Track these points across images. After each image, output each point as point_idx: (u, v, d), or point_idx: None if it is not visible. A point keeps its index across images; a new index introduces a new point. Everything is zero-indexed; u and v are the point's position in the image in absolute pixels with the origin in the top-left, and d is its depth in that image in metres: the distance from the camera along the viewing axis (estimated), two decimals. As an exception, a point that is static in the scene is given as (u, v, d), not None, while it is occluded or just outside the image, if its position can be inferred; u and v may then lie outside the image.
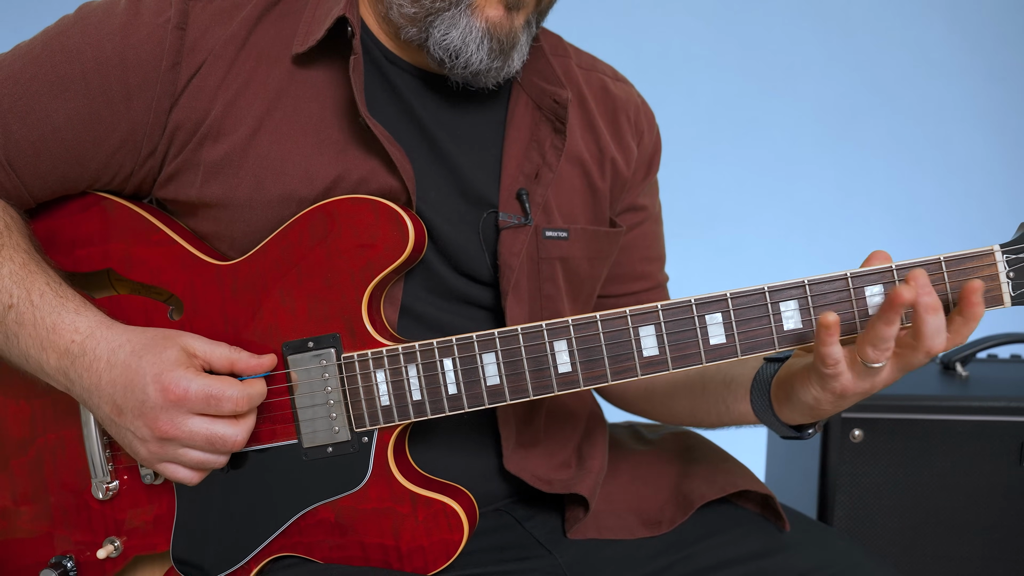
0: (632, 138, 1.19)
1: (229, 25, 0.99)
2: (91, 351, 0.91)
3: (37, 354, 0.93)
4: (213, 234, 1.02)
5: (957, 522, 1.58)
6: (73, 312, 0.93)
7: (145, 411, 0.89)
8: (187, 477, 0.93)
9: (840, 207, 2.68)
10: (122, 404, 0.90)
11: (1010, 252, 0.85)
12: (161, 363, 0.89)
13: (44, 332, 0.92)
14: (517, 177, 1.08)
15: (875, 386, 0.87)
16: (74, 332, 0.92)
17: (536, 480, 1.08)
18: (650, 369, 0.90)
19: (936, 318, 0.82)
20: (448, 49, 0.98)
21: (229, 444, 0.91)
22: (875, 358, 0.84)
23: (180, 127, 0.98)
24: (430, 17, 0.98)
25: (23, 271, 0.95)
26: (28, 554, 1.05)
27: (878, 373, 0.86)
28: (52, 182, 1.01)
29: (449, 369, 0.94)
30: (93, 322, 0.93)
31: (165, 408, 0.88)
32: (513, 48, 1.01)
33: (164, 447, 0.90)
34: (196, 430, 0.89)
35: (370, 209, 0.95)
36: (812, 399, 0.90)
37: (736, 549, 1.04)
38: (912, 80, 2.65)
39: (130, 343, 0.91)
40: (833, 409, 0.91)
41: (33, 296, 0.93)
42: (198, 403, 0.89)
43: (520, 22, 1.01)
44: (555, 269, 1.10)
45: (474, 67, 1.00)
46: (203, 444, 0.90)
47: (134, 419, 0.90)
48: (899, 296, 0.80)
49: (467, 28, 0.98)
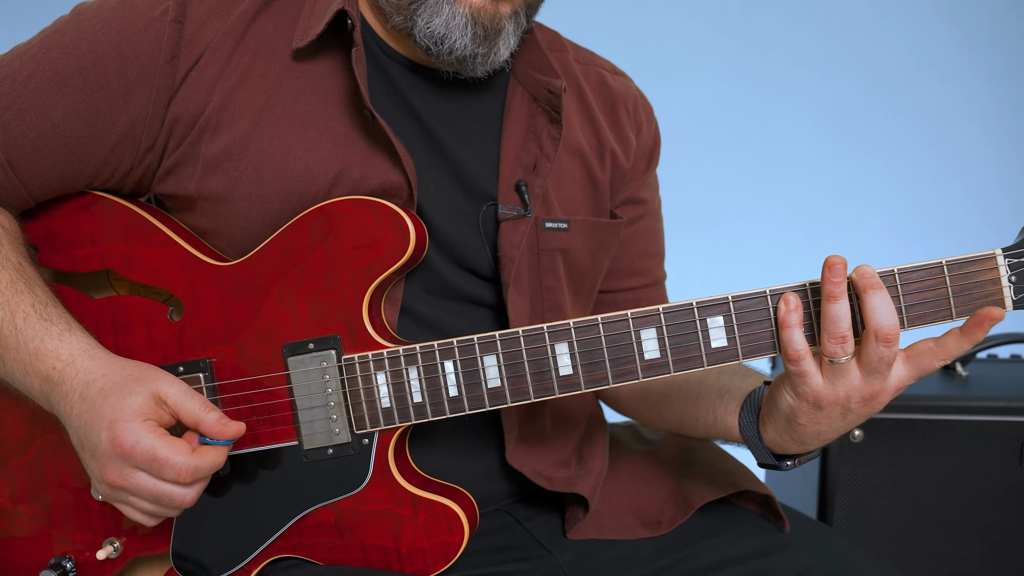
0: (631, 130, 1.19)
1: (227, 18, 0.99)
2: (69, 380, 0.90)
3: (22, 377, 0.93)
4: (212, 230, 1.02)
5: (957, 522, 1.58)
6: (56, 337, 0.92)
7: (97, 456, 0.88)
8: (141, 520, 0.92)
9: (840, 207, 2.69)
10: (83, 441, 0.90)
11: (1012, 256, 0.85)
12: (120, 410, 0.87)
13: (27, 357, 0.92)
14: (515, 169, 1.08)
15: (849, 396, 0.87)
16: (55, 359, 0.91)
17: (537, 476, 1.08)
18: (651, 372, 0.90)
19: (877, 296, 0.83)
20: (432, 36, 0.99)
21: (176, 502, 0.89)
22: (832, 350, 0.84)
23: (179, 120, 0.98)
24: (413, 5, 0.99)
25: (10, 290, 0.94)
26: (27, 554, 1.05)
27: (846, 374, 0.86)
28: (52, 180, 1.00)
29: (450, 371, 0.94)
30: (76, 349, 0.92)
31: (112, 458, 0.87)
32: (498, 35, 1.02)
33: (115, 492, 0.90)
34: (142, 484, 0.87)
35: (371, 210, 0.95)
36: (787, 408, 0.90)
37: (736, 549, 1.04)
38: (912, 80, 2.65)
39: (103, 378, 0.90)
40: (811, 425, 0.90)
41: (17, 319, 0.93)
42: (141, 462, 0.86)
43: (506, 10, 1.01)
44: (556, 261, 1.10)
45: (459, 52, 1.00)
46: (149, 498, 0.89)
47: (89, 459, 0.90)
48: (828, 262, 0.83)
49: (450, 15, 0.98)
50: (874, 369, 0.85)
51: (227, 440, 0.89)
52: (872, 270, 0.84)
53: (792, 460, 0.98)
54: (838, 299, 0.83)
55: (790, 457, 0.98)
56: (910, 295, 0.86)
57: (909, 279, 0.86)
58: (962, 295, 0.86)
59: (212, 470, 0.89)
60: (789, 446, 0.95)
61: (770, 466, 0.99)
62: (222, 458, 0.89)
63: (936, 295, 0.86)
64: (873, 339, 0.83)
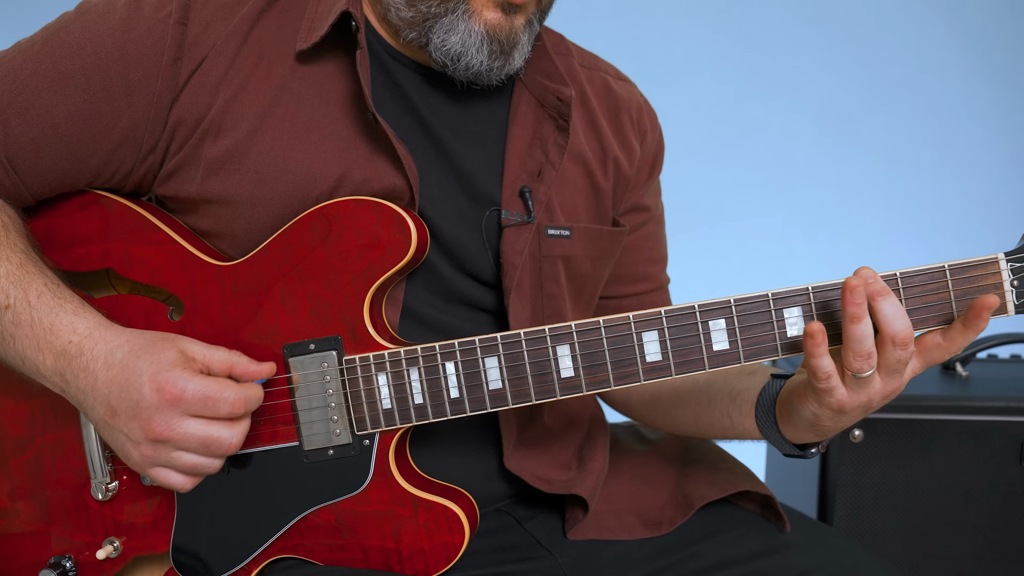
0: (635, 137, 1.19)
1: (230, 21, 0.99)
2: (89, 351, 0.90)
3: (33, 355, 0.92)
4: (213, 231, 1.01)
5: (957, 522, 1.58)
6: (71, 313, 0.92)
7: (139, 412, 0.87)
8: (179, 482, 0.91)
9: (840, 207, 2.69)
10: (116, 405, 0.89)
11: (1015, 260, 0.85)
12: (159, 363, 0.88)
13: (41, 333, 0.92)
14: (520, 175, 1.07)
15: (872, 399, 0.88)
16: (72, 332, 0.91)
17: (536, 480, 1.08)
18: (653, 375, 0.90)
19: (888, 303, 0.83)
20: (449, 54, 0.99)
21: (224, 447, 0.89)
22: (858, 367, 0.85)
23: (181, 123, 0.97)
24: (428, 22, 0.98)
25: (20, 271, 0.94)
26: (27, 553, 1.05)
27: (870, 383, 0.86)
28: (52, 179, 1.00)
29: (451, 372, 0.94)
30: (91, 323, 0.92)
31: (160, 409, 0.87)
32: (514, 48, 1.01)
33: (157, 450, 0.89)
34: (191, 432, 0.88)
35: (372, 211, 0.95)
36: (811, 415, 0.91)
37: (736, 549, 1.04)
38: (912, 80, 2.65)
39: (128, 343, 0.90)
40: (834, 425, 0.92)
41: (30, 296, 0.93)
42: (194, 404, 0.87)
43: (520, 22, 1.01)
44: (557, 267, 1.10)
45: (475, 68, 1.00)
46: (197, 446, 0.89)
47: (128, 420, 0.88)
48: (848, 285, 0.83)
49: (466, 32, 0.98)
50: (893, 371, 0.86)
51: (262, 379, 0.94)
52: (876, 275, 0.84)
53: (815, 447, 1.00)
54: (861, 320, 0.83)
55: (812, 445, 1.00)
56: (912, 299, 0.87)
57: (911, 282, 0.86)
58: (964, 299, 0.86)
59: (258, 403, 0.93)
60: (808, 438, 0.97)
61: (795, 455, 1.01)
62: (262, 393, 0.94)
63: (938, 299, 0.86)
64: (890, 344, 0.84)
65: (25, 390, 1.03)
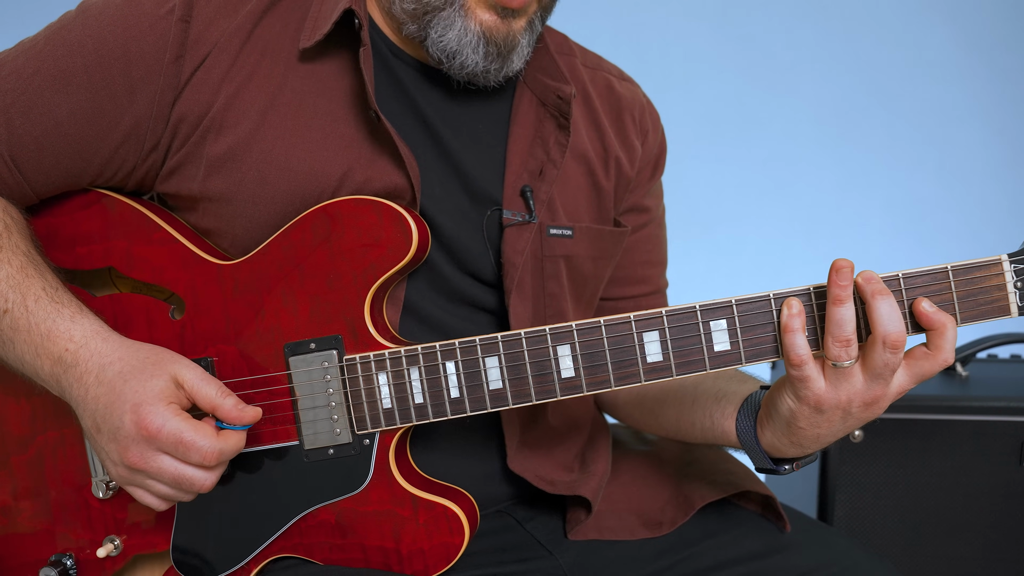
0: (636, 137, 1.19)
1: (234, 18, 0.99)
2: (83, 363, 0.91)
3: (32, 360, 0.93)
4: (215, 230, 1.01)
5: (957, 522, 1.58)
6: (68, 319, 0.92)
7: (118, 438, 0.88)
8: (153, 504, 0.92)
9: (840, 207, 2.69)
10: (100, 424, 0.90)
11: (1018, 262, 0.85)
12: (143, 392, 0.88)
13: (39, 339, 0.92)
14: (521, 174, 1.07)
15: (851, 399, 0.87)
16: (68, 340, 0.91)
17: (539, 480, 1.08)
18: (654, 375, 0.90)
19: (886, 303, 0.83)
20: (445, 50, 0.99)
21: (196, 487, 0.90)
22: (836, 354, 0.84)
23: (183, 120, 0.97)
24: (427, 16, 0.98)
25: (20, 275, 0.94)
26: (28, 551, 1.05)
27: (850, 378, 0.86)
28: (55, 178, 1.00)
29: (452, 372, 0.94)
30: (88, 331, 0.92)
31: (136, 441, 0.87)
32: (512, 51, 1.01)
33: (132, 475, 0.90)
34: (164, 468, 0.88)
35: (373, 210, 0.95)
36: (787, 411, 0.90)
37: (737, 549, 1.04)
38: (912, 80, 2.65)
39: (121, 361, 0.90)
40: (810, 429, 0.90)
41: (28, 301, 0.93)
42: (167, 445, 0.87)
43: (520, 26, 1.01)
44: (559, 267, 1.10)
45: (470, 68, 1.00)
46: (169, 482, 0.89)
47: (108, 442, 0.90)
48: (835, 265, 0.82)
49: (462, 30, 0.98)
50: (878, 374, 0.85)
51: (244, 425, 0.90)
52: (877, 276, 0.84)
53: (790, 464, 0.98)
54: (844, 303, 0.83)
55: (787, 461, 0.98)
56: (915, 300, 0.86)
57: (914, 284, 0.86)
58: (967, 300, 0.85)
59: (234, 454, 0.90)
60: (787, 450, 0.96)
61: (767, 470, 0.99)
62: (243, 442, 0.91)
63: (941, 300, 0.85)
64: (880, 345, 0.84)
65: (26, 389, 1.03)
